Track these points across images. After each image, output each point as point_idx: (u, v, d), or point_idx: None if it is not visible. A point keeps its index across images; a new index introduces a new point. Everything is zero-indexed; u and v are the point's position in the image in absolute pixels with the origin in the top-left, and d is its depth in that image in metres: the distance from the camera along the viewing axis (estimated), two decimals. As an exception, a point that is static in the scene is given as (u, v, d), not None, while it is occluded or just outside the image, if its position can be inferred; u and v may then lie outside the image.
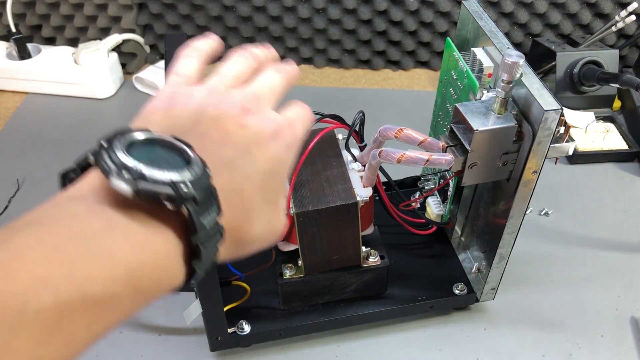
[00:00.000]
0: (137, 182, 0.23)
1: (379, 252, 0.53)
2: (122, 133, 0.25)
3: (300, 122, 0.34)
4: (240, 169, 0.29)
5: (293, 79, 0.37)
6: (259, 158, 0.30)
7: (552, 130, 0.40)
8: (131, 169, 0.23)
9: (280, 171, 0.32)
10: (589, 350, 0.55)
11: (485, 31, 0.47)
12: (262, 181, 0.30)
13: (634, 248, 0.65)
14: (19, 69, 0.87)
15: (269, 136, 0.31)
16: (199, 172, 0.25)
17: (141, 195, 0.23)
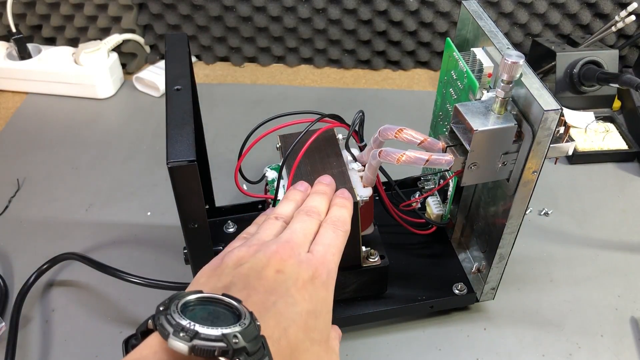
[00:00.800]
0: (193, 340, 0.25)
1: (379, 252, 0.53)
2: (177, 297, 0.28)
3: (332, 252, 0.37)
4: (284, 313, 0.31)
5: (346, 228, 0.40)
6: (299, 299, 0.32)
7: (552, 130, 0.40)
8: (186, 329, 0.26)
9: (322, 310, 0.34)
10: (589, 350, 0.55)
11: (485, 31, 0.47)
12: (306, 322, 0.32)
13: (634, 248, 0.65)
14: (19, 69, 0.87)
15: (306, 278, 0.34)
16: (248, 324, 0.27)
17: (197, 352, 0.25)
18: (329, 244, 0.37)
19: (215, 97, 0.89)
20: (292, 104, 0.86)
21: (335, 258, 0.37)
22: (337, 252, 0.38)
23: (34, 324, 0.56)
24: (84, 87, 0.87)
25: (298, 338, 0.31)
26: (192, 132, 0.40)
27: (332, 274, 0.36)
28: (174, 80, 0.45)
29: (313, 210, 0.40)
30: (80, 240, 0.65)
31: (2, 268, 0.62)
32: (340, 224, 0.40)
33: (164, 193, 0.71)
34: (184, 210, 0.41)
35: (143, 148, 0.79)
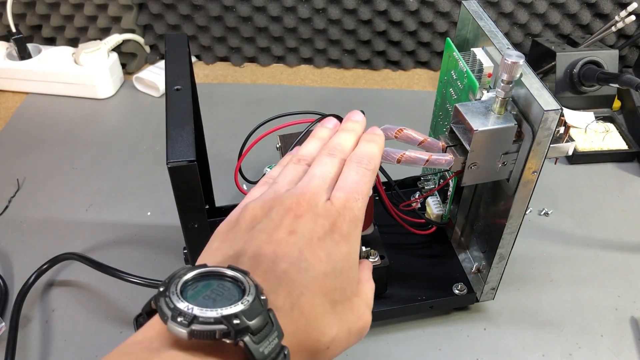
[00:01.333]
0: (191, 325, 0.24)
1: (379, 252, 0.53)
2: (177, 275, 0.27)
3: (355, 197, 0.33)
4: (295, 280, 0.29)
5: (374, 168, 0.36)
6: (314, 262, 0.30)
7: (552, 130, 0.40)
8: (184, 313, 0.25)
9: (343, 266, 0.31)
10: (589, 350, 0.55)
11: (485, 31, 0.47)
12: (323, 285, 0.30)
13: (634, 248, 0.65)
14: (19, 69, 0.87)
15: (322, 235, 0.31)
16: (252, 301, 0.26)
17: (197, 336, 0.24)
18: (350, 189, 0.33)
19: (215, 97, 0.89)
20: (292, 104, 0.86)
21: (359, 203, 0.33)
22: (361, 196, 0.34)
23: (34, 324, 0.56)
24: (84, 87, 0.87)
25: (314, 304, 0.29)
26: (192, 132, 0.40)
27: (355, 222, 0.33)
28: (174, 80, 0.45)
29: (337, 148, 0.36)
30: (80, 240, 0.65)
31: (2, 268, 0.62)
32: (366, 161, 0.35)
33: (164, 193, 0.71)
34: (184, 210, 0.41)
35: (143, 148, 0.79)
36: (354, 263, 0.32)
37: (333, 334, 0.30)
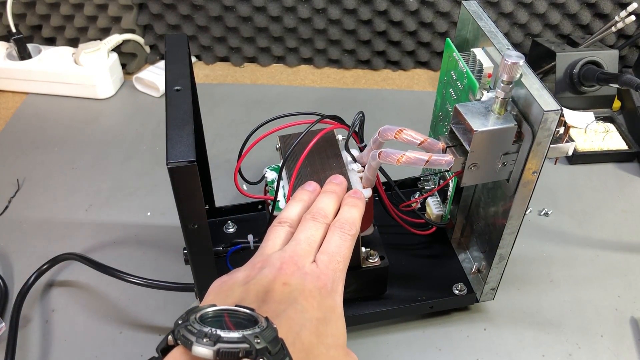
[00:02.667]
0: (216, 344, 0.26)
1: (378, 253, 0.53)
2: (194, 310, 0.29)
3: (337, 260, 0.37)
4: (294, 318, 0.32)
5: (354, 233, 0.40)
6: (308, 307, 0.33)
7: (552, 130, 0.40)
8: (209, 334, 0.26)
9: (331, 317, 0.34)
10: (589, 350, 0.55)
11: (485, 32, 0.47)
12: (317, 327, 0.32)
13: (634, 248, 0.65)
14: (19, 69, 0.87)
15: (313, 288, 0.34)
16: (266, 327, 0.28)
17: (222, 356, 0.26)
18: (333, 252, 0.37)
19: (215, 97, 0.89)
20: (292, 104, 0.86)
21: (341, 265, 0.37)
22: (342, 258, 0.38)
23: (34, 324, 0.56)
24: (84, 87, 0.87)
25: (312, 342, 0.32)
26: (192, 132, 0.40)
27: (337, 281, 0.36)
28: (174, 80, 0.45)
29: (320, 214, 0.40)
30: (80, 240, 0.65)
31: (2, 268, 0.62)
32: (347, 227, 0.39)
33: (164, 193, 0.71)
34: (184, 210, 0.41)
35: (143, 148, 0.79)
36: (340, 315, 0.35)
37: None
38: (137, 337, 0.56)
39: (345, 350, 0.35)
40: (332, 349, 0.33)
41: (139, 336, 0.56)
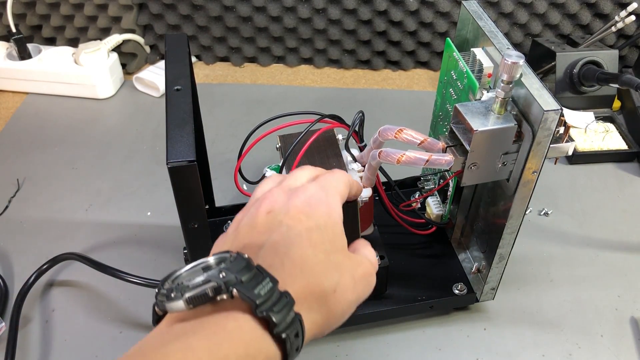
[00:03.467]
0: (184, 295, 0.27)
1: (379, 252, 0.53)
2: (168, 276, 0.29)
3: (326, 177, 0.36)
4: (278, 240, 0.31)
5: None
6: (294, 223, 0.32)
7: (552, 130, 0.40)
8: (176, 288, 0.27)
9: (325, 222, 0.33)
10: (589, 350, 0.55)
11: (485, 31, 0.47)
12: (309, 238, 0.31)
13: (634, 248, 0.65)
14: (19, 69, 0.87)
15: (299, 202, 0.33)
16: (234, 260, 0.28)
17: (193, 302, 0.27)
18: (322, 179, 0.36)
19: (215, 97, 0.89)
20: (292, 104, 0.86)
21: (334, 183, 0.35)
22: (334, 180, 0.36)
23: (34, 324, 0.56)
24: (84, 87, 0.87)
25: (305, 255, 0.31)
26: (192, 132, 0.40)
27: (329, 188, 0.35)
28: (174, 80, 0.45)
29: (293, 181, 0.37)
30: (80, 240, 0.65)
31: (2, 268, 0.62)
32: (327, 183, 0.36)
33: (164, 193, 0.71)
34: (184, 210, 0.41)
35: (143, 148, 0.79)
36: (337, 221, 0.33)
37: (335, 279, 0.31)
38: (137, 337, 0.56)
39: (346, 253, 0.33)
40: (332, 254, 0.32)
41: (139, 336, 0.56)
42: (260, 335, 0.27)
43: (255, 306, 0.27)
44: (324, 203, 0.33)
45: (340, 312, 0.32)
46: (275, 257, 0.30)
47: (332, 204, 0.34)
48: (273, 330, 0.27)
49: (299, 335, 0.28)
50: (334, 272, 0.31)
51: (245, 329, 0.27)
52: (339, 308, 0.32)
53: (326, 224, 0.33)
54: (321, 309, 0.31)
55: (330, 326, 0.32)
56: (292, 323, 0.28)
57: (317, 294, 0.30)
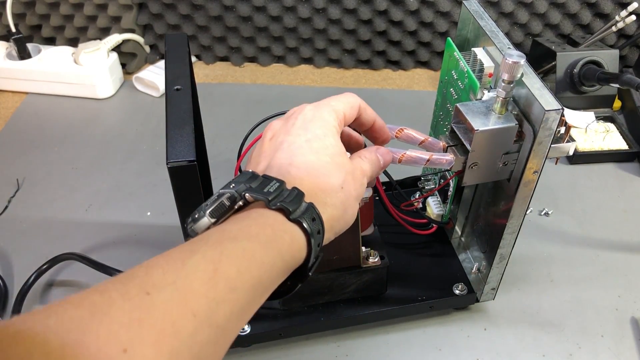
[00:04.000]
0: (206, 212, 0.31)
1: (379, 253, 0.53)
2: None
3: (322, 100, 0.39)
4: (283, 156, 0.35)
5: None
6: (294, 139, 0.36)
7: (553, 130, 0.40)
8: (198, 211, 0.31)
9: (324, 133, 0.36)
10: (589, 350, 0.55)
11: (486, 31, 0.47)
12: (310, 147, 0.35)
13: (634, 248, 0.65)
14: (19, 69, 0.87)
15: (297, 122, 0.37)
16: (242, 174, 0.33)
17: (215, 215, 0.31)
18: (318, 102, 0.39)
19: (215, 97, 0.88)
20: (292, 104, 0.85)
21: (327, 101, 0.39)
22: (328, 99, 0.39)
23: (34, 324, 0.56)
24: (83, 87, 0.87)
25: (308, 160, 0.35)
26: (192, 132, 0.40)
27: (322, 107, 0.38)
28: (174, 80, 0.45)
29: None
30: (80, 240, 0.65)
31: (2, 268, 0.62)
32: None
33: (164, 193, 0.71)
34: (184, 210, 0.41)
35: (143, 148, 0.79)
36: (333, 131, 0.37)
37: (341, 177, 0.35)
38: (137, 337, 0.56)
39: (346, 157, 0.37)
40: (334, 156, 0.36)
41: (139, 336, 0.56)
42: (281, 220, 0.31)
43: (267, 201, 0.31)
44: (318, 118, 0.37)
45: (351, 208, 0.36)
46: (281, 169, 0.34)
47: (326, 117, 0.37)
48: (289, 216, 0.31)
49: (317, 220, 0.32)
50: (339, 171, 0.35)
51: (266, 216, 0.31)
52: (350, 203, 0.36)
53: (324, 134, 0.36)
54: (334, 202, 0.34)
55: (346, 221, 0.36)
56: (306, 210, 0.32)
57: (327, 190, 0.34)
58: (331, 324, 0.54)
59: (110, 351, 0.21)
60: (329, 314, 0.54)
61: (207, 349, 0.25)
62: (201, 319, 0.25)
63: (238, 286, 0.27)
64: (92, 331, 0.21)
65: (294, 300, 0.54)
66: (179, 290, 0.25)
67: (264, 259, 0.29)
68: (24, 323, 0.21)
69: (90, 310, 0.22)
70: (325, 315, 0.54)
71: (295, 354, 0.54)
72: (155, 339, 0.23)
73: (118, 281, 0.24)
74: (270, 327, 0.53)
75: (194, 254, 0.27)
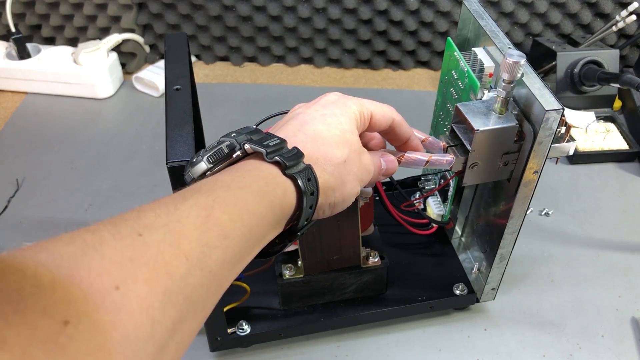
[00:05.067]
0: (204, 156, 0.32)
1: (379, 253, 0.53)
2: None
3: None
4: (295, 123, 0.37)
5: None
6: (310, 112, 0.37)
7: (554, 130, 0.40)
8: (196, 156, 0.33)
9: (342, 112, 0.37)
10: (590, 350, 0.55)
11: (486, 31, 0.47)
12: (323, 120, 0.36)
13: (634, 248, 0.65)
14: (19, 68, 0.86)
15: (319, 102, 0.38)
16: (244, 127, 0.34)
17: (212, 159, 0.32)
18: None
19: (215, 97, 0.88)
20: (292, 104, 0.85)
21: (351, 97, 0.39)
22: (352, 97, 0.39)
23: (34, 324, 0.56)
24: (83, 86, 0.86)
25: (318, 129, 0.35)
26: (192, 132, 0.40)
27: (346, 96, 0.38)
28: (174, 80, 0.45)
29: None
30: (80, 241, 0.65)
31: (1, 268, 0.62)
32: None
33: (164, 193, 0.71)
34: (184, 210, 0.40)
35: (143, 148, 0.79)
36: (351, 115, 0.37)
37: (346, 151, 0.36)
38: (137, 337, 0.56)
39: (358, 138, 0.37)
40: (346, 133, 0.36)
41: (139, 336, 0.56)
42: (276, 173, 0.32)
43: (265, 154, 0.31)
44: (341, 103, 0.37)
45: (350, 185, 0.36)
46: (289, 132, 0.35)
47: (349, 104, 0.38)
48: (285, 171, 0.31)
49: (312, 181, 0.32)
50: (345, 146, 0.36)
51: (261, 168, 0.31)
52: (350, 179, 0.36)
53: (342, 113, 0.37)
54: (334, 172, 0.35)
55: (343, 197, 0.36)
56: (303, 170, 0.32)
57: (329, 159, 0.34)
58: (331, 324, 0.54)
59: (102, 287, 0.21)
60: (329, 314, 0.54)
61: (199, 292, 0.25)
62: (193, 262, 0.25)
63: (230, 233, 0.28)
64: (84, 267, 0.21)
65: (294, 300, 0.54)
66: (171, 232, 0.25)
67: (255, 209, 0.29)
68: (14, 258, 0.20)
69: (81, 247, 0.22)
70: (325, 315, 0.54)
71: (295, 354, 0.54)
72: (148, 277, 0.23)
73: (109, 222, 0.24)
74: (270, 327, 0.53)
75: (186, 200, 0.27)
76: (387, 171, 0.41)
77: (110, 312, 0.20)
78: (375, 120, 0.39)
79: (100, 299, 0.20)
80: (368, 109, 0.38)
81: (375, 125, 0.39)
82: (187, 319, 0.25)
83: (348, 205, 0.37)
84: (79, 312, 0.20)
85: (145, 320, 0.22)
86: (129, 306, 0.21)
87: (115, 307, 0.21)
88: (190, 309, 0.25)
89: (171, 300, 0.23)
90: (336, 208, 0.36)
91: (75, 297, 0.20)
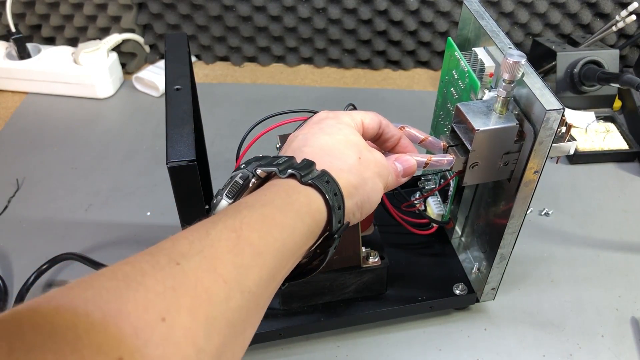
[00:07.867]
0: (224, 191, 0.33)
1: (378, 253, 0.53)
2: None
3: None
4: (299, 143, 0.37)
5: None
6: (310, 130, 0.38)
7: (554, 130, 0.40)
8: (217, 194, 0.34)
9: (347, 122, 0.39)
10: (590, 350, 0.55)
11: (487, 31, 0.47)
12: (324, 132, 0.37)
13: (635, 248, 0.65)
14: (19, 68, 0.86)
15: (325, 116, 0.40)
16: (258, 158, 0.35)
17: (231, 194, 0.33)
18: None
19: (215, 97, 0.88)
20: (292, 104, 0.86)
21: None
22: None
23: (34, 324, 0.56)
24: (83, 86, 0.86)
25: (323, 141, 0.36)
26: (192, 132, 0.40)
27: (339, 115, 0.39)
28: (174, 80, 0.45)
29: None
30: (80, 240, 0.65)
31: (2, 268, 0.62)
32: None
33: (164, 193, 0.71)
34: (184, 210, 0.41)
35: (143, 148, 0.79)
36: (348, 127, 0.39)
37: (355, 150, 0.37)
38: (137, 337, 0.56)
39: (359, 139, 0.38)
40: (351, 135, 0.37)
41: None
42: (294, 184, 0.32)
43: (278, 171, 0.33)
44: (331, 115, 0.39)
45: (372, 181, 0.36)
46: (294, 151, 0.36)
47: (343, 119, 0.39)
48: (301, 179, 0.32)
49: (331, 182, 0.33)
50: (353, 147, 0.37)
51: (279, 184, 0.32)
52: (369, 175, 0.36)
53: (338, 122, 0.38)
54: (351, 170, 0.35)
55: (368, 195, 0.36)
56: (318, 176, 0.33)
57: (343, 161, 0.35)
58: (331, 324, 0.54)
59: (150, 319, 0.21)
60: (329, 314, 0.54)
61: (240, 315, 0.26)
62: (232, 285, 0.25)
63: (262, 250, 0.28)
64: (130, 300, 0.21)
65: (294, 300, 0.54)
66: (207, 258, 0.25)
67: (283, 222, 0.30)
68: (63, 297, 0.21)
69: (124, 281, 0.22)
70: (325, 315, 0.54)
71: (295, 354, 0.54)
72: (190, 305, 0.23)
73: (146, 253, 0.25)
74: (270, 327, 0.53)
75: (216, 225, 0.28)
76: (406, 171, 0.41)
77: (159, 346, 0.21)
78: (366, 126, 0.40)
79: (149, 333, 0.21)
80: (357, 116, 0.40)
81: (367, 131, 0.40)
82: (230, 343, 0.25)
83: (375, 204, 0.37)
84: (131, 349, 0.20)
85: (191, 351, 0.22)
86: (175, 338, 0.22)
87: (163, 339, 0.21)
88: (232, 332, 0.25)
89: (214, 326, 0.24)
90: (364, 208, 0.36)
91: (126, 333, 0.20)
